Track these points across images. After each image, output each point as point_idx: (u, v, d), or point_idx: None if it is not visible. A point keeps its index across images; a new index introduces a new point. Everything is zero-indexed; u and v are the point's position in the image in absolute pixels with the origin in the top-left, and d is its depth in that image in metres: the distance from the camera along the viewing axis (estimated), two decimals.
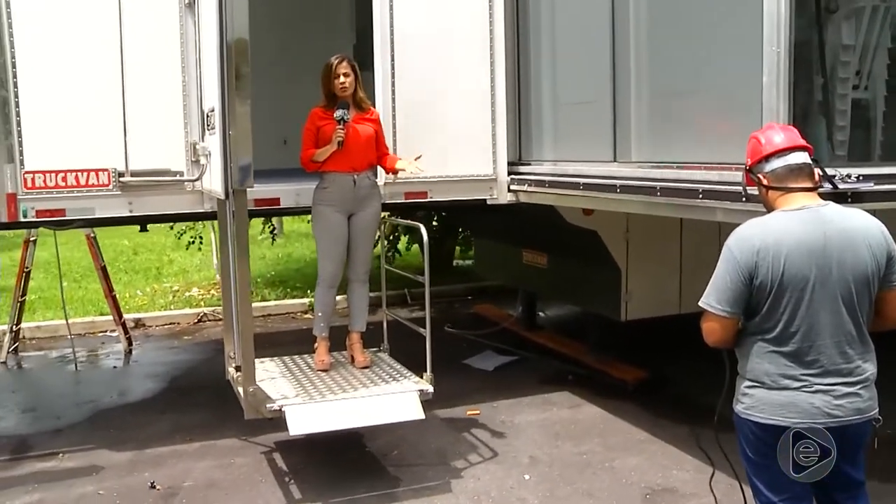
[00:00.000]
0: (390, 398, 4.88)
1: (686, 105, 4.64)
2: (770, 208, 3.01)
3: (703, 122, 4.50)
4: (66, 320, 7.92)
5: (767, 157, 3.00)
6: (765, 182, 3.01)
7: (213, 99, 4.49)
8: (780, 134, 3.04)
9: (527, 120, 6.19)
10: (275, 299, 10.47)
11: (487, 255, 9.17)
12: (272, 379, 5.20)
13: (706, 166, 4.29)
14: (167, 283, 11.53)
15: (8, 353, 7.91)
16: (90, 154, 4.93)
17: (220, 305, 9.94)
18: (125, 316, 9.00)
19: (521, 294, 8.56)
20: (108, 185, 4.98)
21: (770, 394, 2.89)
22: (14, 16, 4.77)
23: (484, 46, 5.95)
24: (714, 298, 2.96)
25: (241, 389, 4.74)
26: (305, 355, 5.73)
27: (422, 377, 5.10)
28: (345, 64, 5.28)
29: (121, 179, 4.98)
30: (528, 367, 7.27)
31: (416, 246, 11.76)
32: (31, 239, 7.80)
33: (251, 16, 7.07)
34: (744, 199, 3.64)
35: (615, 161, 5.10)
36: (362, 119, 5.35)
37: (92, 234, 8.00)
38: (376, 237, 6.27)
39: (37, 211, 4.90)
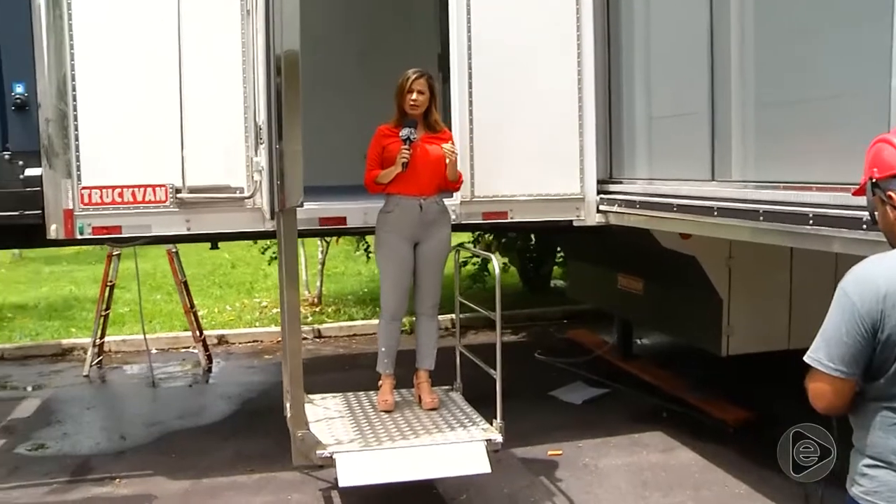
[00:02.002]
0: (454, 448, 4.43)
1: (796, 115, 4.02)
2: None
3: (816, 135, 3.89)
4: (144, 336, 7.83)
5: None
6: None
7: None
8: None
9: (618, 135, 5.66)
10: (362, 318, 10.20)
11: (581, 277, 8.63)
12: (329, 419, 4.85)
13: (818, 186, 3.68)
14: (257, 299, 11.46)
15: (91, 366, 7.89)
16: (147, 169, 4.72)
17: (305, 323, 9.80)
18: (210, 332, 8.95)
19: (616, 320, 7.99)
20: (164, 202, 4.75)
21: None
22: (75, 28, 4.62)
23: (570, 57, 5.48)
24: (825, 354, 2.33)
25: None
26: (371, 392, 5.34)
27: (492, 424, 4.64)
28: (422, 81, 4.90)
29: (178, 196, 4.74)
30: (620, 402, 6.70)
31: (512, 268, 11.30)
32: (115, 253, 7.77)
33: (328, 23, 6.86)
34: (864, 226, 3.04)
35: (713, 180, 4.52)
36: (433, 139, 4.95)
37: (174, 250, 7.92)
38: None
39: (93, 228, 4.72)
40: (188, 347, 8.80)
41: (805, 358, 2.42)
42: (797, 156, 4.00)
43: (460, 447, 4.43)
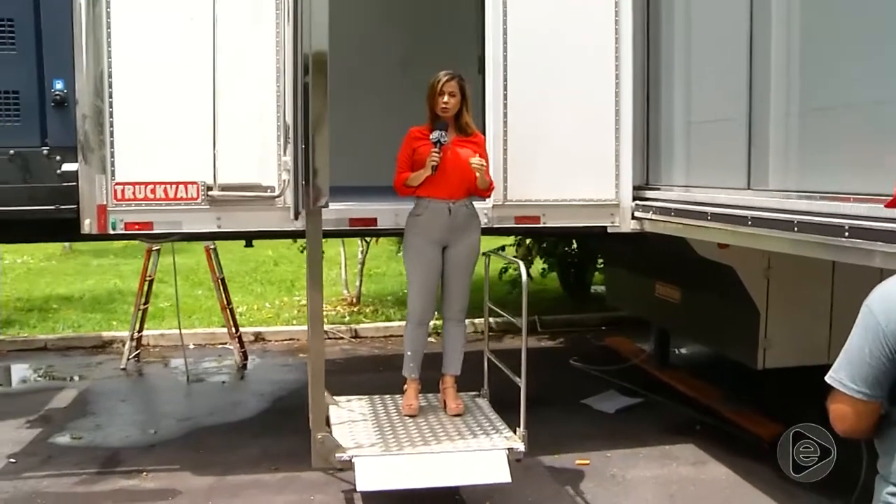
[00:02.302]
0: (474, 456, 4.38)
1: (839, 122, 3.88)
2: None
3: (856, 143, 3.76)
4: (180, 331, 7.91)
5: None
6: None
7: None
8: None
9: (656, 140, 5.55)
10: (399, 319, 10.18)
11: (619, 284, 8.49)
12: (352, 422, 4.84)
13: (856, 197, 3.55)
14: (297, 297, 11.51)
15: (128, 359, 8.00)
16: (179, 166, 4.76)
17: (342, 323, 9.84)
18: (247, 329, 9.02)
19: (653, 329, 7.85)
20: (196, 199, 4.78)
21: None
22: (113, 26, 4.68)
23: (608, 59, 5.39)
24: (847, 374, 2.22)
25: None
26: (398, 396, 5.30)
27: (515, 432, 4.57)
28: (452, 83, 4.86)
29: (209, 193, 4.77)
30: (653, 412, 6.58)
31: (551, 273, 11.18)
32: (155, 248, 7.87)
33: (373, 25, 6.82)
34: None
35: (749, 189, 4.41)
36: (464, 142, 4.91)
37: (212, 247, 7.98)
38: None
39: (125, 223, 4.77)
40: (225, 344, 8.87)
41: (826, 378, 2.32)
42: (836, 164, 3.88)
43: (481, 455, 4.38)
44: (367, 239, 10.62)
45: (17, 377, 7.97)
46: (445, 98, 4.82)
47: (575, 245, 10.68)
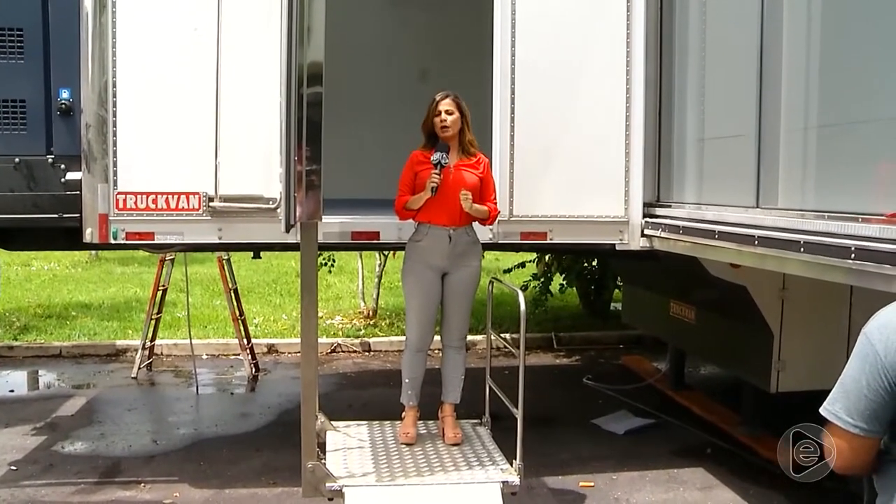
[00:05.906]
0: (467, 488, 4.24)
1: (856, 138, 3.75)
2: None
3: (868, 162, 3.63)
4: (190, 341, 7.90)
5: None
6: None
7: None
8: None
9: (668, 156, 5.44)
10: None
11: (635, 302, 8.34)
12: (348, 449, 4.72)
13: (865, 218, 3.43)
14: None
15: (140, 368, 8.00)
16: (181, 177, 4.74)
17: (356, 336, 9.78)
18: (260, 341, 9.00)
19: (669, 349, 7.70)
20: (197, 210, 4.76)
21: None
22: (118, 36, 4.68)
23: (619, 74, 5.28)
24: (842, 407, 2.09)
25: None
26: (397, 422, 5.13)
27: (511, 464, 4.44)
28: (448, 101, 4.77)
29: (210, 204, 4.74)
30: (664, 434, 6.43)
31: (571, 289, 11.06)
32: (168, 258, 7.88)
33: (393, 40, 6.77)
34: None
35: (757, 207, 4.28)
36: (466, 166, 4.79)
37: (226, 257, 7.98)
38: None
39: (126, 233, 4.76)
40: (237, 355, 8.85)
41: (821, 410, 2.18)
42: (847, 183, 3.76)
43: (474, 488, 4.24)
44: (386, 252, 10.56)
45: (29, 383, 8.01)
46: (443, 115, 4.72)
47: (595, 262, 10.56)
